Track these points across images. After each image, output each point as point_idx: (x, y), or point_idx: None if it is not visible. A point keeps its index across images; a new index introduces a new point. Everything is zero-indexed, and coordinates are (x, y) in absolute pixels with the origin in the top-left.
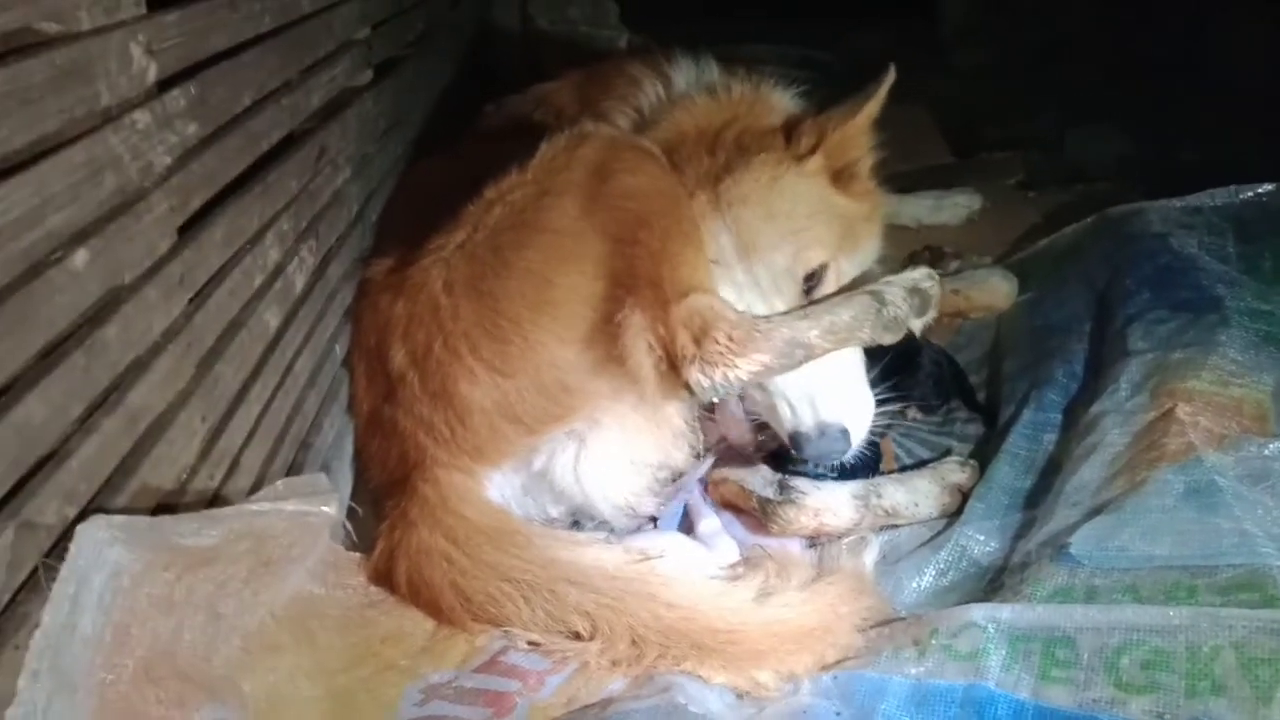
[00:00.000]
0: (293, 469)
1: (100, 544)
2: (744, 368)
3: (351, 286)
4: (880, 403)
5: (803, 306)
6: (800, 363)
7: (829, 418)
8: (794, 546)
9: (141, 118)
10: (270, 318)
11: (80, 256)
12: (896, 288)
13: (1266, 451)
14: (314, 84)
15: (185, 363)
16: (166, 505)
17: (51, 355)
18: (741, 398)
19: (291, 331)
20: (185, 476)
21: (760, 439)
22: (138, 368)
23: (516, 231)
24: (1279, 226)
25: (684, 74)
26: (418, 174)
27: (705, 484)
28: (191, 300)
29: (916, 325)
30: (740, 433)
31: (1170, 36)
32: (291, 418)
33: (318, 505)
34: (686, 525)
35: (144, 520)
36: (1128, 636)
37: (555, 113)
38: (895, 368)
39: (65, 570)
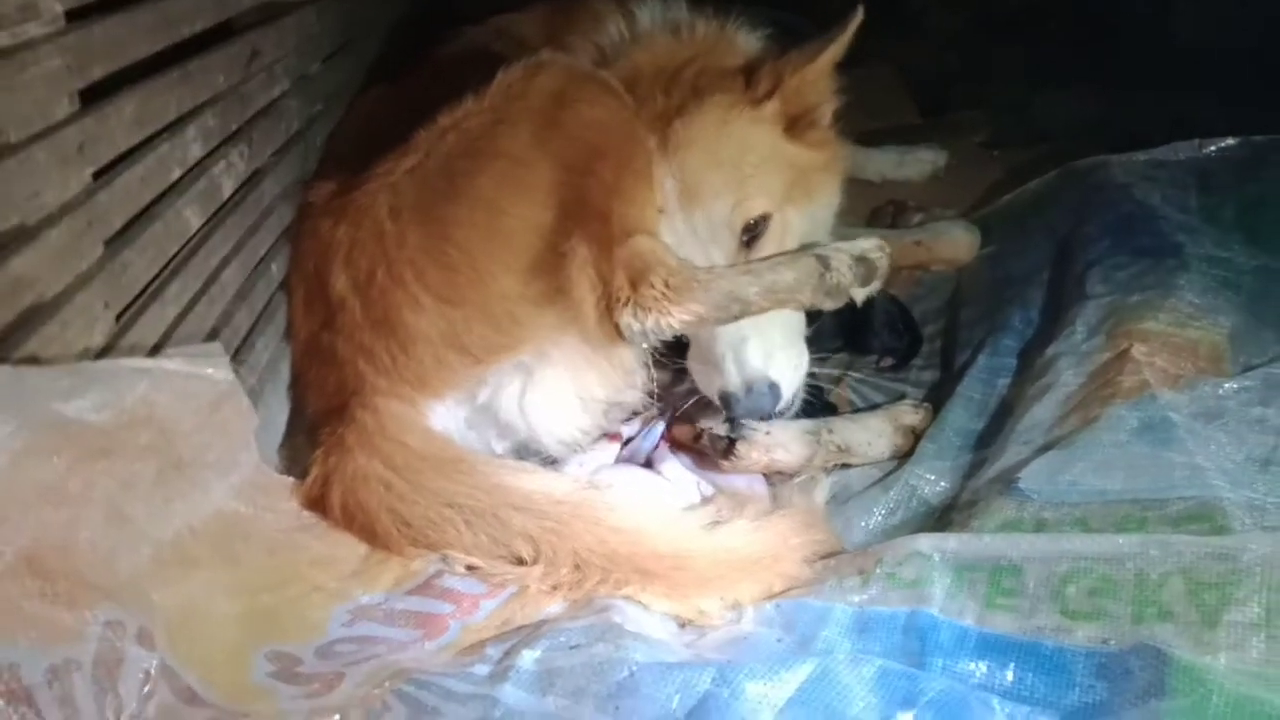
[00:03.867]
0: None
1: None
2: (677, 316)
3: (291, 207)
4: (835, 350)
5: (747, 262)
6: (735, 318)
7: (756, 374)
8: (759, 488)
9: None
10: (191, 215)
11: None
12: (843, 254)
13: (1221, 391)
14: None
15: (85, 241)
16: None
17: None
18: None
19: (218, 237)
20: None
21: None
22: (24, 235)
23: (469, 158)
24: (1242, 179)
25: (649, 11)
26: (368, 101)
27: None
28: (96, 177)
29: (859, 294)
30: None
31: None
32: (218, 329)
33: (204, 368)
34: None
35: (5, 370)
36: (1075, 565)
37: (516, 44)
38: (848, 319)
39: None
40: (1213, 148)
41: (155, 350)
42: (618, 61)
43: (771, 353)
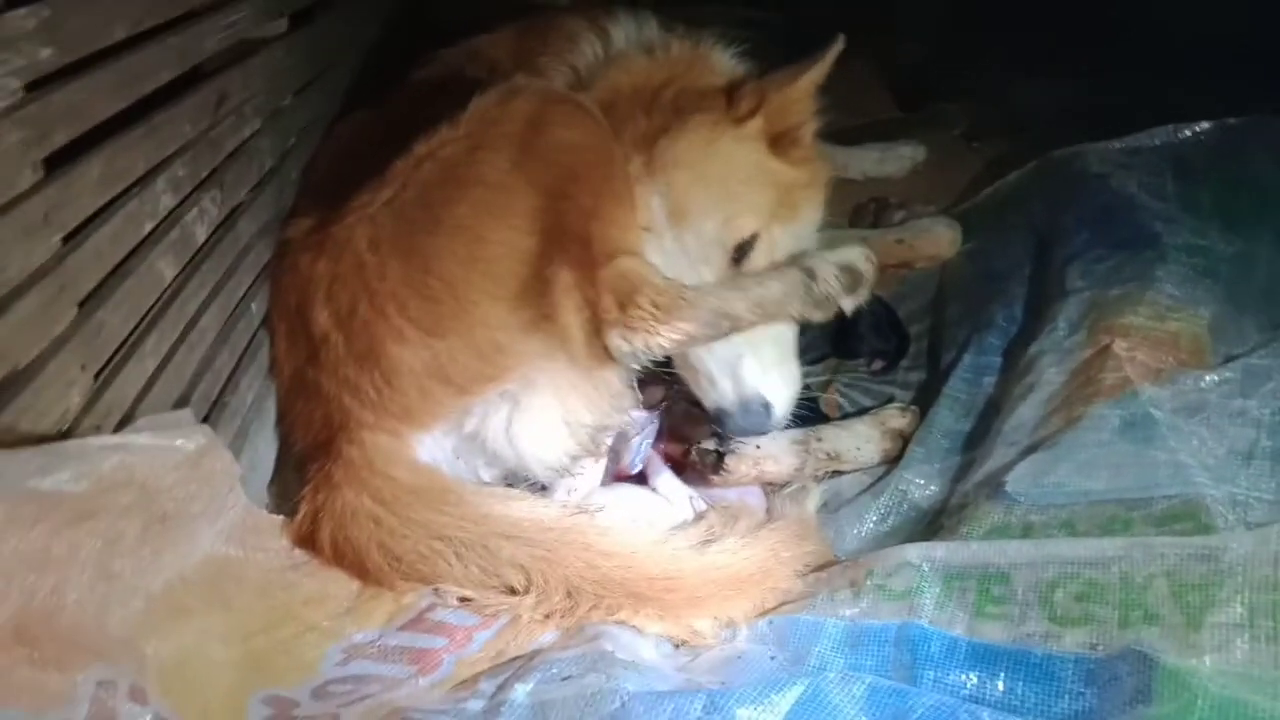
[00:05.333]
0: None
1: None
2: (666, 335)
3: (268, 244)
4: (822, 358)
5: (733, 278)
6: (725, 334)
7: (750, 392)
8: (753, 499)
9: None
10: (165, 267)
11: None
12: (829, 264)
13: (1202, 384)
14: (207, 28)
15: (57, 306)
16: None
17: None
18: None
19: (194, 284)
20: (66, 426)
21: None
22: None
23: (447, 187)
24: (1217, 164)
25: (622, 31)
26: (343, 129)
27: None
28: (65, 241)
29: (847, 304)
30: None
31: None
32: (200, 374)
33: (173, 439)
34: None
35: None
36: (1062, 570)
37: (489, 67)
38: (834, 325)
39: None
40: (1188, 132)
41: (136, 403)
42: (594, 82)
43: (766, 370)
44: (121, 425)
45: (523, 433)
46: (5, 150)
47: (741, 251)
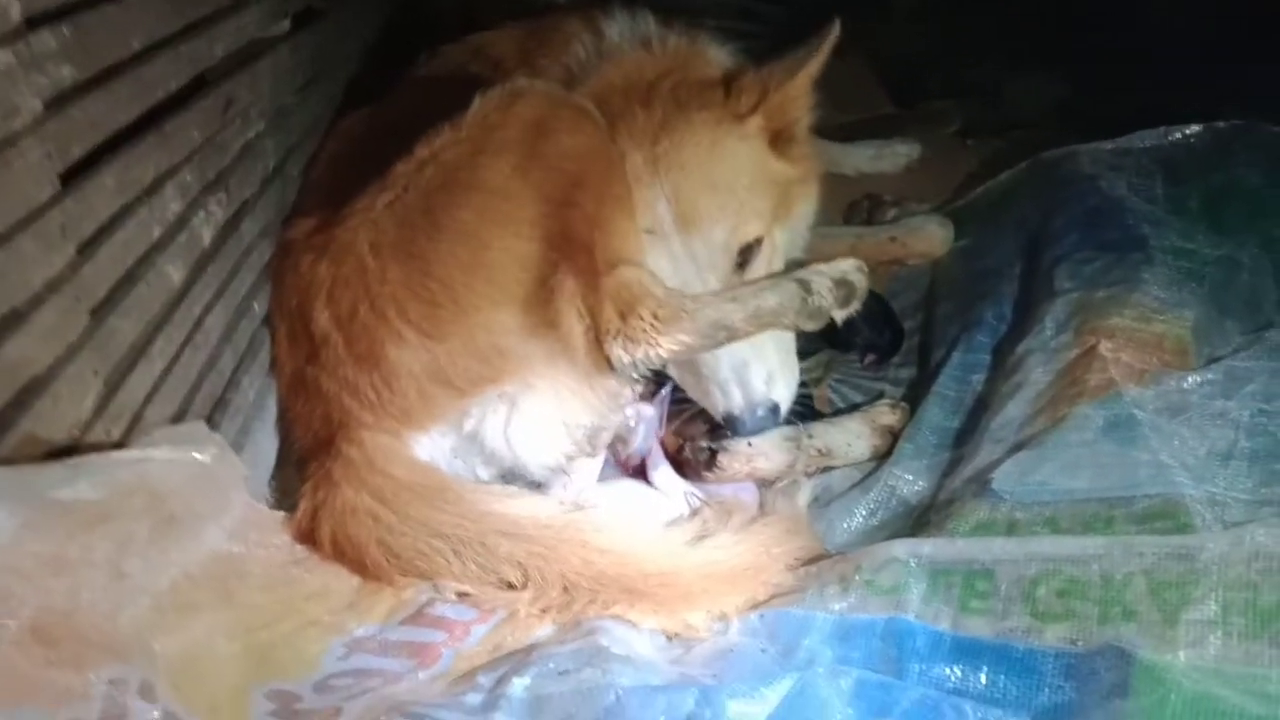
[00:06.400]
0: (208, 425)
1: None
2: (666, 346)
3: (270, 243)
4: (814, 351)
5: (731, 288)
6: (722, 344)
7: (759, 397)
8: (747, 495)
9: (4, 58)
10: (173, 271)
11: None
12: (825, 277)
13: (1185, 385)
14: (217, 33)
15: (73, 315)
16: (59, 459)
17: None
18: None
19: (200, 286)
20: (79, 431)
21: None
22: (15, 319)
23: (449, 192)
24: (1206, 167)
25: (617, 27)
26: (345, 127)
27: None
28: (80, 251)
29: (839, 315)
30: None
31: None
32: (204, 374)
33: (189, 452)
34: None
35: (3, 470)
36: (1044, 567)
37: (493, 65)
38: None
39: None
40: (1177, 134)
41: (145, 405)
42: (587, 79)
43: (773, 374)
44: (131, 428)
45: (520, 433)
46: (26, 167)
47: (746, 255)
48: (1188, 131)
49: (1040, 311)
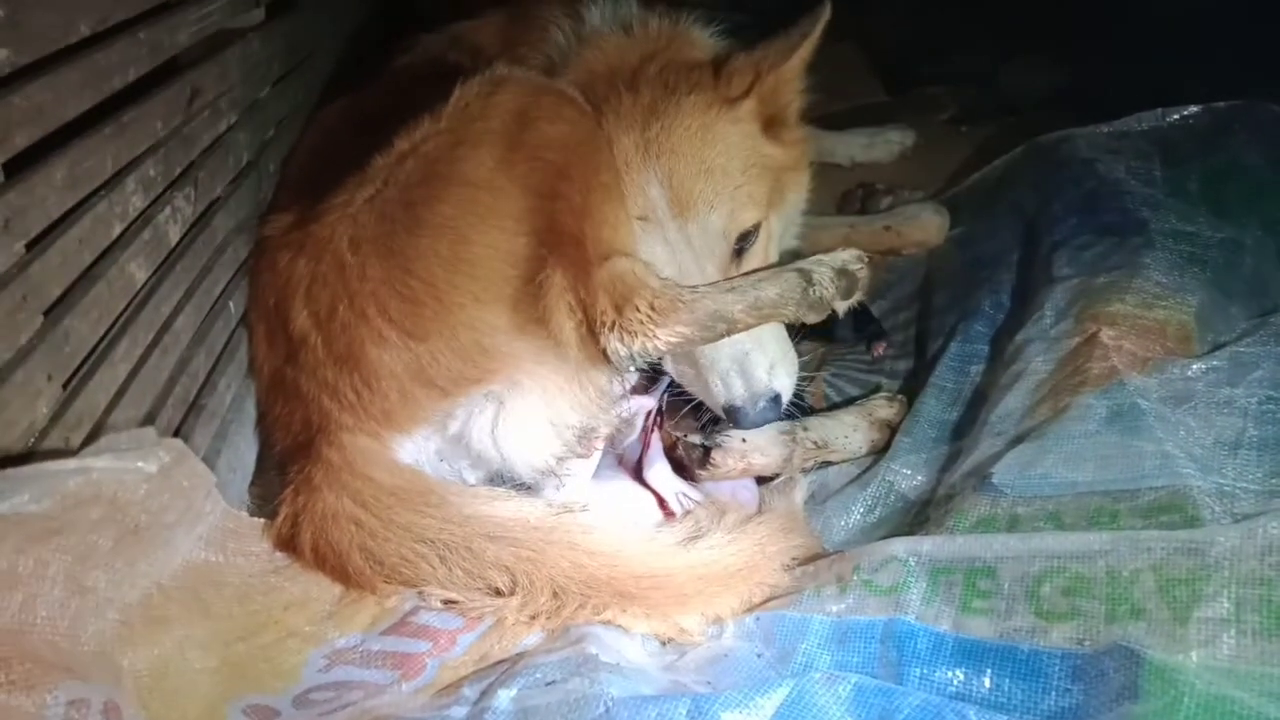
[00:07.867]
0: (181, 431)
1: None
2: (664, 338)
3: (246, 239)
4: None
5: (730, 278)
6: (721, 336)
7: (762, 388)
8: (746, 494)
9: None
10: (137, 269)
11: None
12: (825, 268)
13: (1189, 373)
14: (179, 21)
15: (20, 316)
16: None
17: None
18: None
19: (168, 285)
20: (34, 438)
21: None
22: None
23: (429, 185)
24: (1205, 148)
25: (598, 11)
26: (323, 119)
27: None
28: (29, 247)
29: (840, 306)
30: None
31: None
32: (175, 377)
33: (134, 461)
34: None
35: None
36: (1049, 564)
37: (473, 53)
38: None
39: None
40: (1175, 116)
41: (108, 412)
42: (567, 66)
43: (774, 364)
44: (93, 435)
45: (508, 434)
46: None
47: (743, 242)
48: (1186, 113)
49: (1039, 299)
